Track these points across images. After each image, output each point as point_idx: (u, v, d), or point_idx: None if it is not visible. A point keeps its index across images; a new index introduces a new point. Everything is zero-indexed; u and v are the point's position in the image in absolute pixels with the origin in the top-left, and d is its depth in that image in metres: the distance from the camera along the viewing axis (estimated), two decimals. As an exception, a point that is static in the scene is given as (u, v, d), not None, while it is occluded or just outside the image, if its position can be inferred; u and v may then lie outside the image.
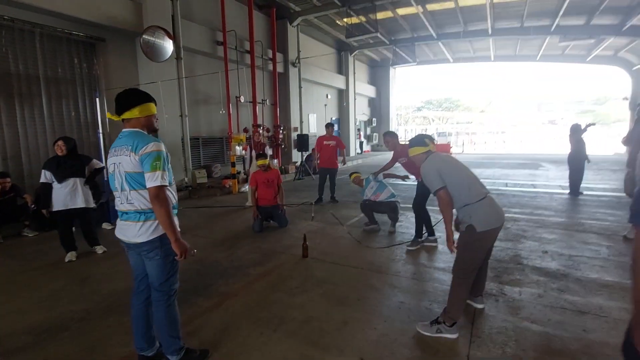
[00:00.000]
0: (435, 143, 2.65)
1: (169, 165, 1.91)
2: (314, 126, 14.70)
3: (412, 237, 4.15)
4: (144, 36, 7.24)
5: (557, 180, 8.96)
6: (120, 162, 1.86)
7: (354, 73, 17.39)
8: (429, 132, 30.78)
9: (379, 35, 14.04)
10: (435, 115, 38.97)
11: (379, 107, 21.07)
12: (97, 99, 5.59)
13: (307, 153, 11.72)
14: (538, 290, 2.93)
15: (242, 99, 10.16)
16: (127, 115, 1.88)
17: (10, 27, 5.94)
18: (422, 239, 4.10)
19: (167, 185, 1.82)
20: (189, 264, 3.68)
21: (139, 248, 1.89)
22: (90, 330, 2.47)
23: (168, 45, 7.75)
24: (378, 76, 20.75)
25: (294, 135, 12.57)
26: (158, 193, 1.77)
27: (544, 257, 3.67)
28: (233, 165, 8.41)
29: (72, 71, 6.87)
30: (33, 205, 4.91)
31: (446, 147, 18.78)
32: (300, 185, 9.38)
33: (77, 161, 3.95)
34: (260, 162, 5.02)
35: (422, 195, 4.10)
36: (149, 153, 1.79)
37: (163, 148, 1.87)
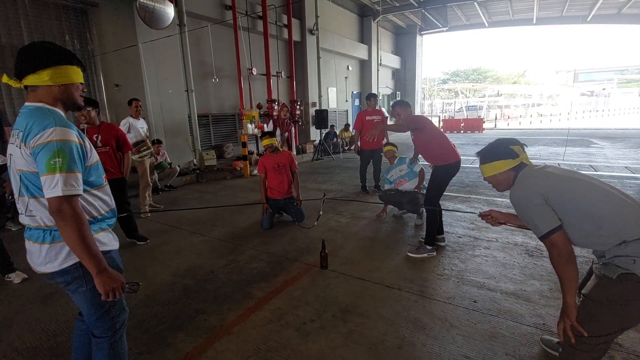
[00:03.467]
0: (526, 151, 1.61)
1: (91, 160, 1.30)
2: (334, 101, 13.56)
3: (421, 241, 3.27)
4: (140, 0, 6.34)
5: (620, 161, 7.63)
6: (12, 154, 1.26)
7: (378, 41, 15.85)
8: (456, 106, 28.81)
9: (407, -5, 12.54)
10: (463, 88, 36.36)
11: (403, 79, 19.45)
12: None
13: (326, 131, 10.73)
14: (666, 336, 1.98)
15: (254, 72, 9.19)
16: (31, 80, 1.23)
17: (-15, -10, 5.18)
18: (431, 247, 3.13)
19: (76, 195, 1.17)
20: (178, 277, 2.94)
21: (53, 279, 1.31)
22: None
23: (169, 10, 6.84)
24: (403, 45, 19.01)
25: (312, 111, 11.56)
26: (60, 207, 1.14)
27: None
28: (244, 145, 7.58)
29: (62, 41, 6.10)
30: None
31: (478, 122, 17.23)
32: (320, 167, 8.48)
33: None
34: (266, 141, 4.11)
35: (436, 187, 3.14)
36: (45, 144, 1.14)
37: (73, 137, 1.20)
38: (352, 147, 5.87)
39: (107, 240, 1.38)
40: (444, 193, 3.25)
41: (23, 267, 3.07)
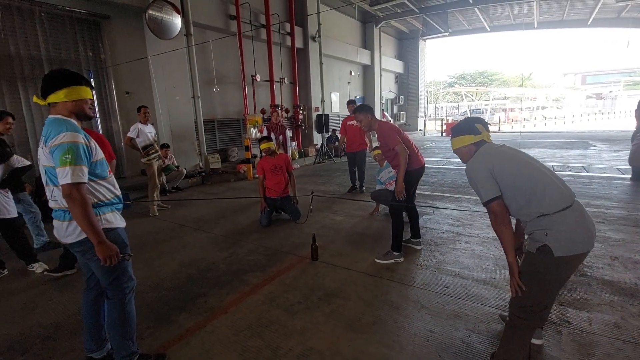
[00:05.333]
0: (489, 130, 1.89)
1: (96, 157, 1.67)
2: (337, 106, 13.89)
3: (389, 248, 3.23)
4: (149, 11, 6.75)
5: (613, 162, 7.78)
6: (40, 155, 1.67)
7: (380, 47, 16.16)
8: (461, 110, 28.93)
9: (406, 1, 12.84)
10: (468, 91, 36.43)
11: (406, 83, 19.71)
12: (92, 80, 5.20)
13: (328, 135, 11.03)
14: (614, 316, 2.21)
15: (258, 78, 9.55)
16: (52, 98, 1.64)
17: (7, 7, 5.60)
18: (398, 253, 3.15)
19: (82, 183, 1.55)
20: (182, 267, 3.25)
21: (73, 249, 1.73)
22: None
23: (176, 21, 7.23)
24: (406, 50, 19.29)
25: (314, 115, 11.88)
26: (70, 192, 1.52)
27: (614, 266, 2.90)
28: (247, 149, 7.92)
29: (76, 52, 6.52)
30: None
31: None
32: (321, 170, 8.78)
33: None
34: (264, 145, 4.44)
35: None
36: (58, 145, 1.53)
37: (80, 139, 1.59)
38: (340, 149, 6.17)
39: (114, 220, 1.75)
40: (437, 193, 3.45)
41: (44, 259, 3.42)
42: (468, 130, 1.83)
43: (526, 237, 1.72)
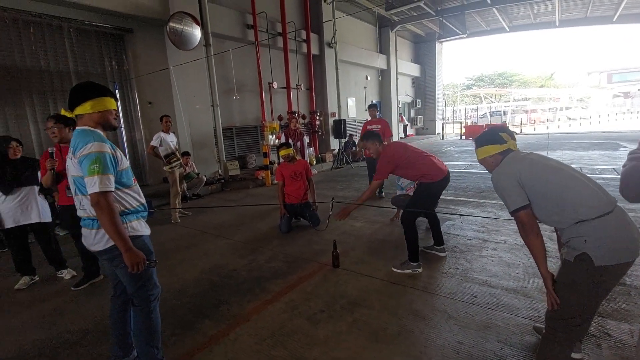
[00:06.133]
0: (515, 138, 1.81)
1: (122, 166, 1.71)
2: (353, 111, 13.86)
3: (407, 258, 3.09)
4: (170, 24, 6.94)
5: (647, 164, 7.37)
6: (69, 165, 1.73)
7: (396, 51, 16.08)
8: (480, 112, 28.30)
9: (422, 5, 12.74)
10: (487, 93, 35.65)
11: (423, 86, 19.49)
12: (117, 91, 5.37)
13: (345, 140, 11.00)
14: (659, 329, 2.06)
15: (275, 85, 9.66)
16: (79, 110, 1.70)
17: (38, 23, 5.89)
18: (416, 263, 3.02)
19: (109, 191, 1.58)
20: (204, 274, 3.27)
21: (101, 256, 1.77)
22: (77, 362, 2.11)
23: (196, 32, 7.41)
24: (422, 53, 19.11)
25: (331, 121, 11.88)
26: (98, 200, 1.55)
27: (656, 274, 2.72)
28: (265, 155, 7.98)
29: (102, 65, 6.78)
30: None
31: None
32: (338, 175, 8.74)
33: (27, 165, 3.22)
34: (284, 152, 4.45)
35: (417, 202, 3.05)
36: (87, 155, 1.57)
37: (107, 149, 1.63)
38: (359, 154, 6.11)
39: (139, 227, 1.77)
40: (459, 198, 3.37)
41: (72, 265, 3.52)
42: (493, 140, 1.78)
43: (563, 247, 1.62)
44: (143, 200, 1.84)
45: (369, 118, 6.13)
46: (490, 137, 1.79)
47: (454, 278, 2.87)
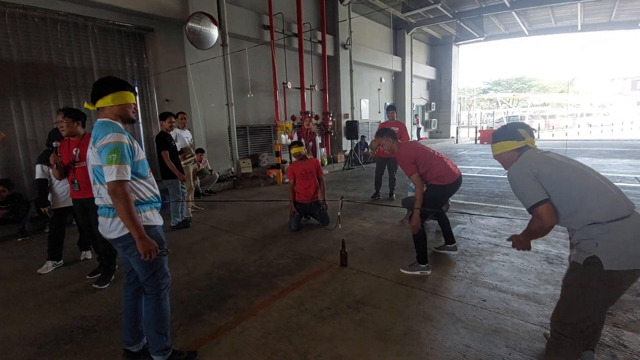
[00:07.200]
0: (534, 135, 1.78)
1: (138, 157, 1.77)
2: (367, 112, 13.81)
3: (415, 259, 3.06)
4: (189, 24, 7.08)
5: (671, 173, 7.12)
6: (89, 155, 1.80)
7: (411, 53, 15.97)
8: (496, 117, 27.83)
9: (439, 7, 12.63)
10: (505, 97, 34.97)
11: (438, 90, 19.28)
12: (136, 88, 5.51)
13: (357, 141, 10.98)
14: (677, 341, 1.99)
15: (289, 85, 9.73)
16: (100, 103, 1.77)
17: (65, 22, 6.10)
18: (425, 265, 3.00)
19: (126, 180, 1.64)
20: (214, 268, 3.33)
21: (115, 244, 1.82)
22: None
23: (213, 32, 7.54)
24: (438, 56, 18.92)
25: (343, 122, 11.88)
26: (115, 189, 1.61)
27: (675, 286, 2.62)
28: (278, 154, 8.04)
29: (123, 62, 6.96)
30: None
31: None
32: (349, 176, 8.74)
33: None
34: (295, 150, 4.47)
35: (424, 204, 2.97)
36: (106, 145, 1.63)
37: (125, 140, 1.69)
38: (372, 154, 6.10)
39: (153, 217, 1.82)
40: (472, 202, 3.32)
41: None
42: (510, 136, 1.75)
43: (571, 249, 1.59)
44: (157, 192, 1.89)
45: (383, 120, 6.12)
46: (508, 133, 1.76)
47: (463, 281, 2.83)
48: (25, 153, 5.73)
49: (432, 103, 19.02)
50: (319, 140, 9.91)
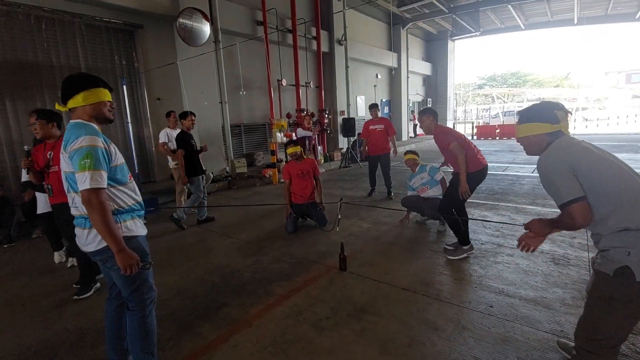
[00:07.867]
0: (569, 119, 1.53)
1: (116, 162, 1.60)
2: (363, 109, 13.65)
3: (455, 243, 3.29)
4: (180, 19, 6.88)
5: (671, 167, 7.05)
6: (61, 161, 1.62)
7: (407, 49, 15.81)
8: (492, 112, 27.76)
9: (435, 2, 12.48)
10: (500, 93, 34.93)
11: (434, 85, 19.17)
12: (125, 86, 5.31)
13: (354, 139, 10.83)
14: (697, 348, 1.88)
15: (284, 82, 9.55)
16: (71, 103, 1.59)
17: (51, 19, 5.88)
18: (468, 245, 3.21)
19: (101, 188, 1.47)
20: (207, 274, 3.18)
21: (94, 257, 1.66)
22: (72, 365, 2.03)
23: (205, 28, 7.34)
24: (434, 51, 18.79)
25: (339, 119, 11.72)
26: (89, 197, 1.45)
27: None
28: (273, 153, 7.88)
29: (112, 61, 6.75)
30: None
31: (515, 128, 16.52)
32: (346, 174, 8.60)
33: None
34: (291, 149, 4.32)
35: (452, 193, 3.14)
36: (77, 149, 1.46)
37: (99, 143, 1.51)
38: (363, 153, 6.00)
39: (134, 227, 1.66)
40: (471, 200, 3.25)
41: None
42: (544, 117, 1.49)
43: (594, 255, 1.46)
44: (139, 198, 1.73)
45: (372, 118, 6.03)
46: (542, 113, 1.50)
47: (467, 285, 2.71)
48: (12, 155, 5.53)
49: (429, 99, 18.91)
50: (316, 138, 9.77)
